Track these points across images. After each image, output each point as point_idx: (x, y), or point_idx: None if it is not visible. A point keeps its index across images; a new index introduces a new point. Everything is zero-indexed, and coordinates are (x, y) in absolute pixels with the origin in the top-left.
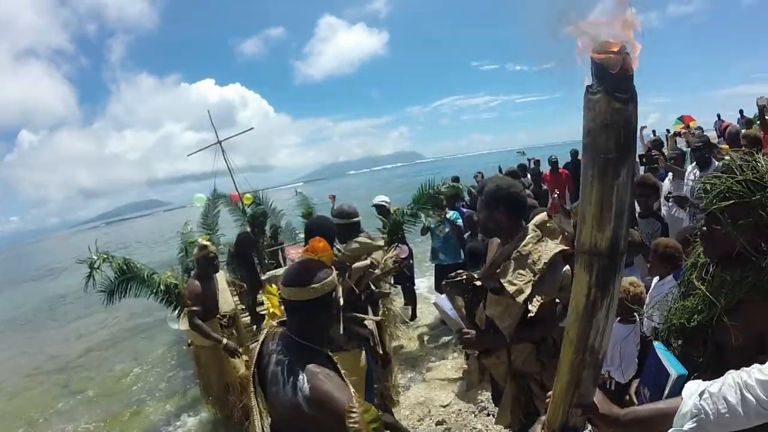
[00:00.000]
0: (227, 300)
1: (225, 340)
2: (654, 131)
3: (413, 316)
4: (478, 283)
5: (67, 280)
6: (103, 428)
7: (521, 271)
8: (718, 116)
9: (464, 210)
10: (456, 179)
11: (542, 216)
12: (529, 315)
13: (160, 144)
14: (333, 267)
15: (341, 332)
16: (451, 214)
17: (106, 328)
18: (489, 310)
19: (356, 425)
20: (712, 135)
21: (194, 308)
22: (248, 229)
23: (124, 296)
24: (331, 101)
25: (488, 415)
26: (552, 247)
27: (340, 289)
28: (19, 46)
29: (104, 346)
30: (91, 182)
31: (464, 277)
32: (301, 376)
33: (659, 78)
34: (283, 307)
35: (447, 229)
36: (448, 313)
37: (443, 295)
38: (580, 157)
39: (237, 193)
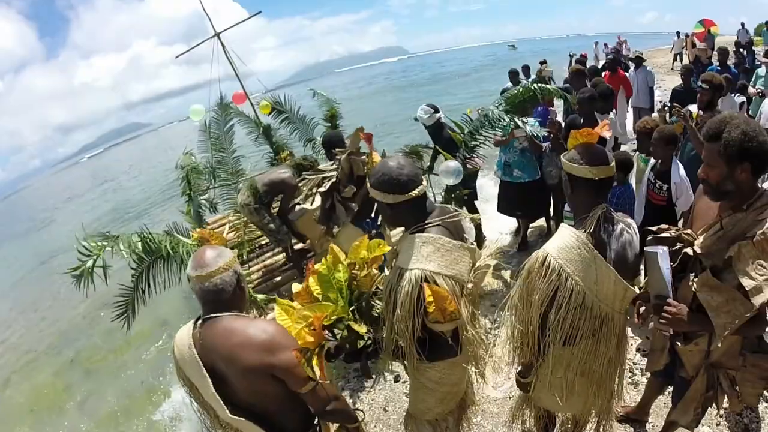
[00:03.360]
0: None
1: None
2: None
3: (480, 239)
4: (690, 250)
5: (59, 229)
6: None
7: (763, 263)
8: (742, 25)
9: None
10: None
11: None
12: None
13: (131, 65)
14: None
15: None
16: (531, 122)
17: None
18: (703, 293)
19: None
20: (730, 41)
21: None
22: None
23: (150, 293)
24: None
25: (636, 385)
26: None
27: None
28: None
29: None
30: (66, 117)
31: (673, 234)
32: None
33: None
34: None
35: (526, 142)
36: (662, 271)
37: (661, 247)
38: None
39: (243, 92)
